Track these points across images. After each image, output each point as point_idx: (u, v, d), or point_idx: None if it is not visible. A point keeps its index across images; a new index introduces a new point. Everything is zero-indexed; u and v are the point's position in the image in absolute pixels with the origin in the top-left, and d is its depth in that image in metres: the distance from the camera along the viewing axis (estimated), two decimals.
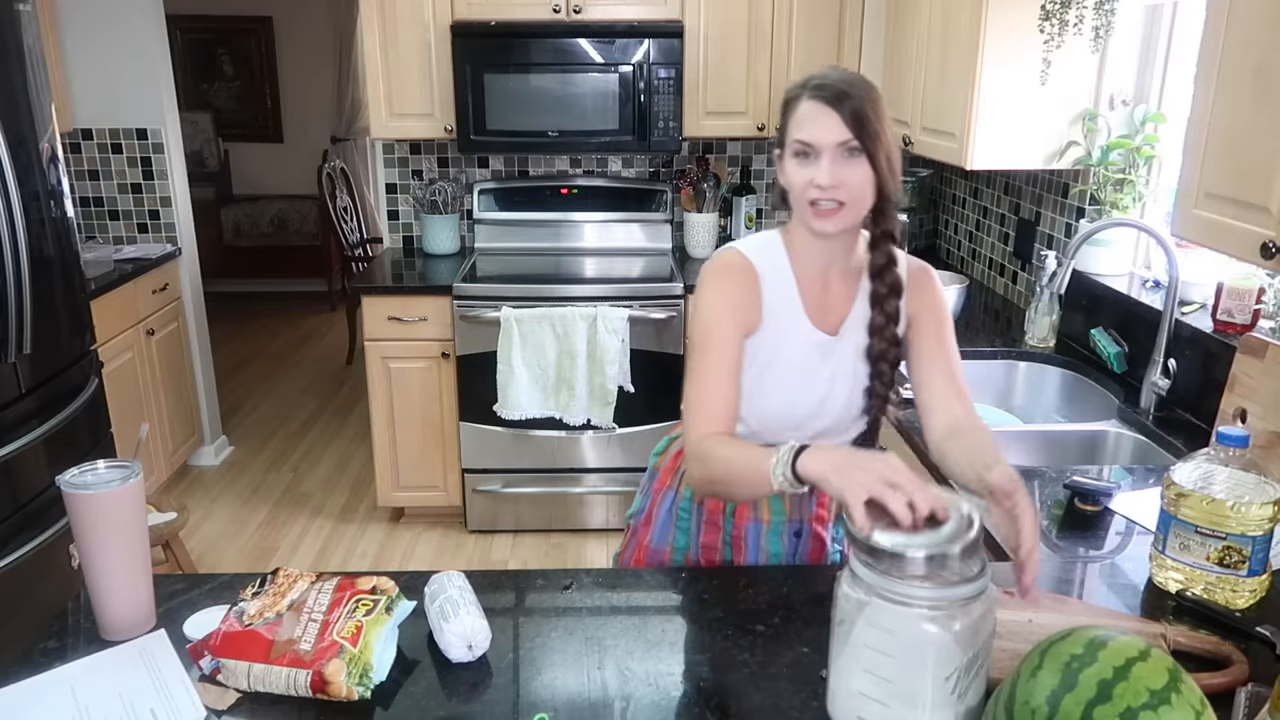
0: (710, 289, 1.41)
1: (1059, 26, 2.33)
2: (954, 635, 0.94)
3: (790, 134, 1.35)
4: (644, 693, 1.11)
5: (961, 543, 0.96)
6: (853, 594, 0.98)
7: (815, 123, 1.31)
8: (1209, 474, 1.29)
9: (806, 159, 1.33)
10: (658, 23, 3.30)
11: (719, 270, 1.42)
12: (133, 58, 3.64)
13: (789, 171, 1.36)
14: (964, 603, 0.94)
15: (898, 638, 0.95)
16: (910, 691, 0.95)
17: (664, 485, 1.59)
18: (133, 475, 1.18)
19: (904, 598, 0.94)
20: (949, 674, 0.94)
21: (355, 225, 5.82)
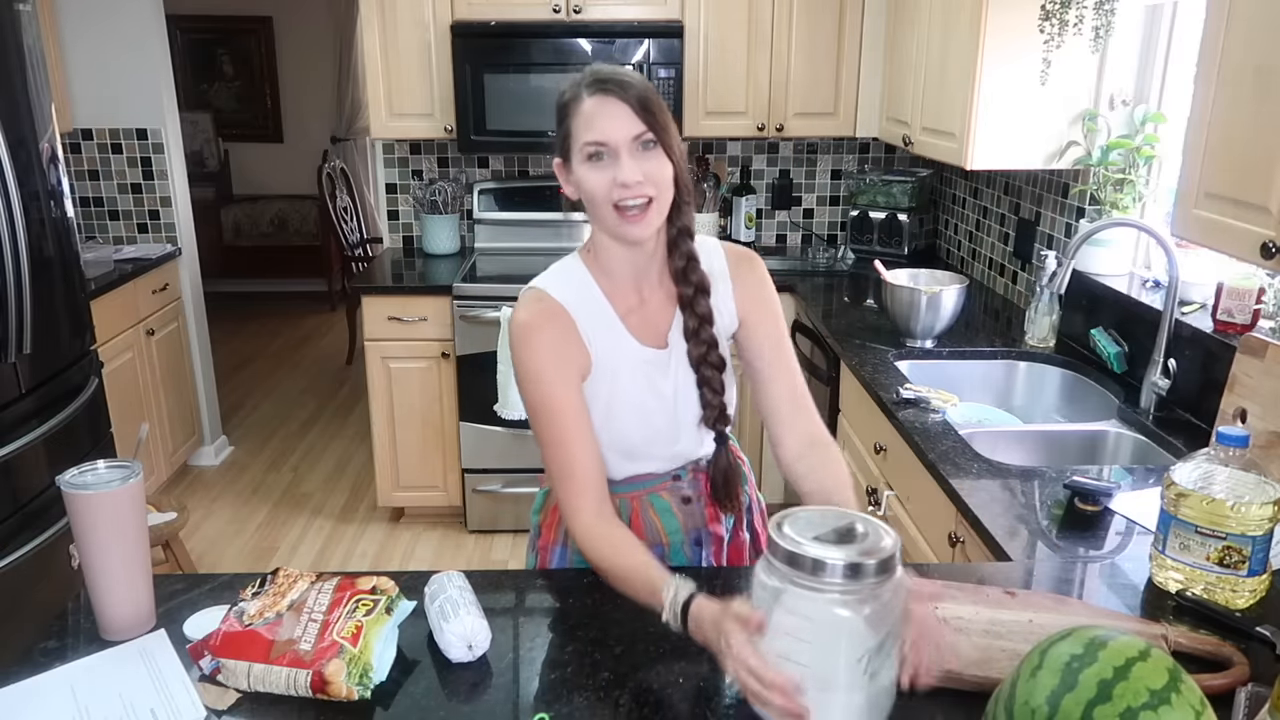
0: (527, 349, 1.29)
1: (1059, 26, 2.33)
2: (865, 618, 0.96)
3: (578, 137, 1.24)
4: (644, 693, 1.11)
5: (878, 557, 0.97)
6: (769, 582, 0.99)
7: (606, 118, 1.22)
8: (1209, 474, 1.29)
9: (601, 160, 1.24)
10: (658, 23, 3.30)
11: (528, 327, 1.29)
12: (133, 58, 3.64)
13: (584, 177, 1.25)
14: (874, 587, 0.96)
15: (813, 623, 0.96)
16: (825, 674, 0.97)
17: (550, 541, 1.47)
18: (133, 475, 1.18)
19: (817, 585, 0.96)
20: (861, 656, 0.96)
21: (355, 225, 5.82)
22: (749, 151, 3.81)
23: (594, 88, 1.23)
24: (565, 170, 1.30)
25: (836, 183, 3.86)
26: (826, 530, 1.00)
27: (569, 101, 1.26)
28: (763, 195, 3.84)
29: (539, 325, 1.30)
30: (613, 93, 1.22)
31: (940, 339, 2.62)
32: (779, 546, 0.98)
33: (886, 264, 2.78)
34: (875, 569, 0.95)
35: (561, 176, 1.31)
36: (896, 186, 3.55)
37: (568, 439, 1.29)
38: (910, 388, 2.19)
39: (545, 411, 1.30)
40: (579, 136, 1.24)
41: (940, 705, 1.08)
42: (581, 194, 1.28)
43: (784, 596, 0.98)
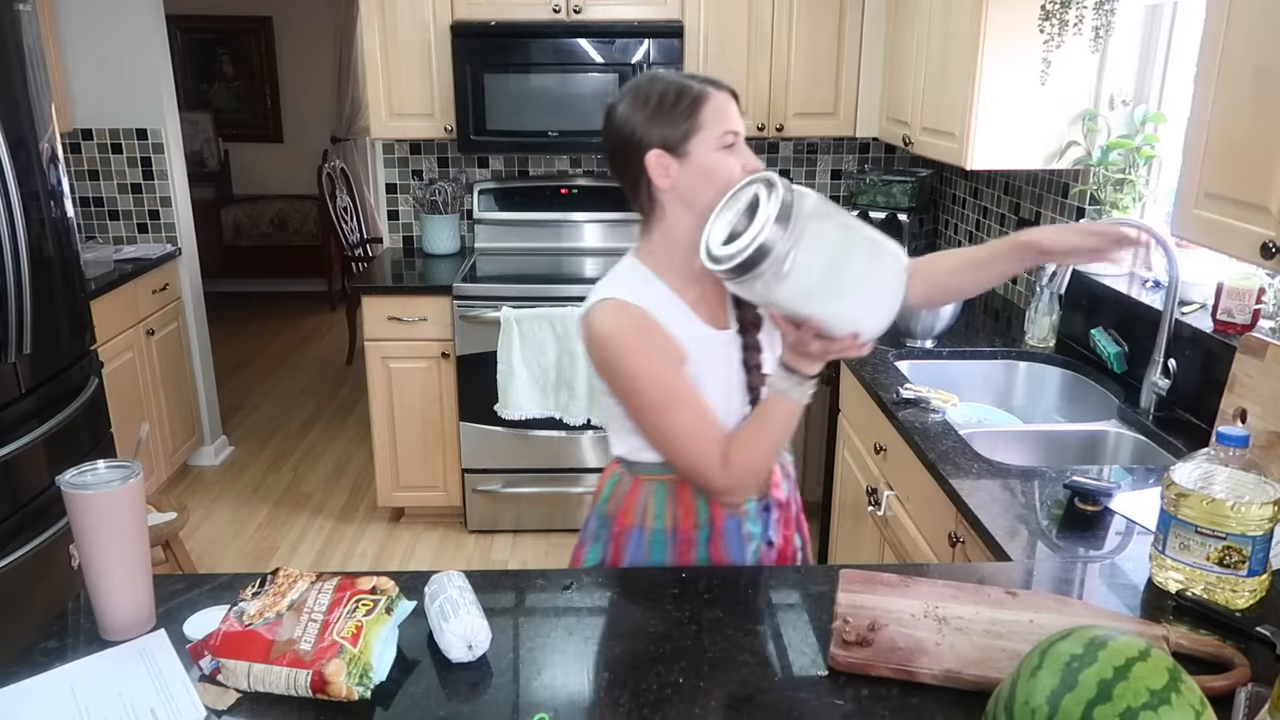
0: (630, 354, 1.35)
1: (1059, 26, 2.33)
2: (797, 259, 1.17)
3: (716, 126, 1.33)
4: (644, 693, 1.11)
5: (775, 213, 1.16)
6: (750, 289, 1.21)
7: (735, 113, 1.36)
8: (1209, 474, 1.29)
9: (734, 148, 1.35)
10: (658, 23, 3.30)
11: (622, 335, 1.35)
12: (133, 58, 3.65)
13: (719, 163, 1.33)
14: (784, 231, 1.16)
15: (785, 285, 1.19)
16: (832, 304, 1.21)
17: (627, 525, 1.49)
18: (133, 475, 1.18)
19: (758, 268, 1.17)
20: (822, 275, 1.20)
21: (355, 225, 5.82)
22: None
23: (717, 87, 1.36)
24: (674, 160, 1.34)
25: (837, 183, 3.87)
26: (737, 221, 1.22)
27: (698, 96, 1.34)
28: None
29: (634, 329, 1.36)
30: (731, 93, 1.38)
31: (940, 339, 2.62)
32: (722, 260, 1.20)
33: None
34: (778, 219, 1.15)
35: (658, 168, 1.35)
36: (896, 186, 3.55)
37: (698, 426, 1.35)
38: (910, 388, 2.19)
39: (667, 405, 1.35)
40: (717, 126, 1.33)
41: (940, 705, 1.08)
42: (702, 177, 1.34)
43: (757, 287, 1.19)
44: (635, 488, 1.48)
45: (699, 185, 1.34)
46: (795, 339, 1.25)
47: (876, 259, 1.22)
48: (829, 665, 1.14)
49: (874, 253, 1.22)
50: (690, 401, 1.35)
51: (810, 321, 1.21)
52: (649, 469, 1.47)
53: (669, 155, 1.34)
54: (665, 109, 1.33)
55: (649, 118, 1.34)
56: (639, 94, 1.35)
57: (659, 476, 1.46)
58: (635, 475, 1.49)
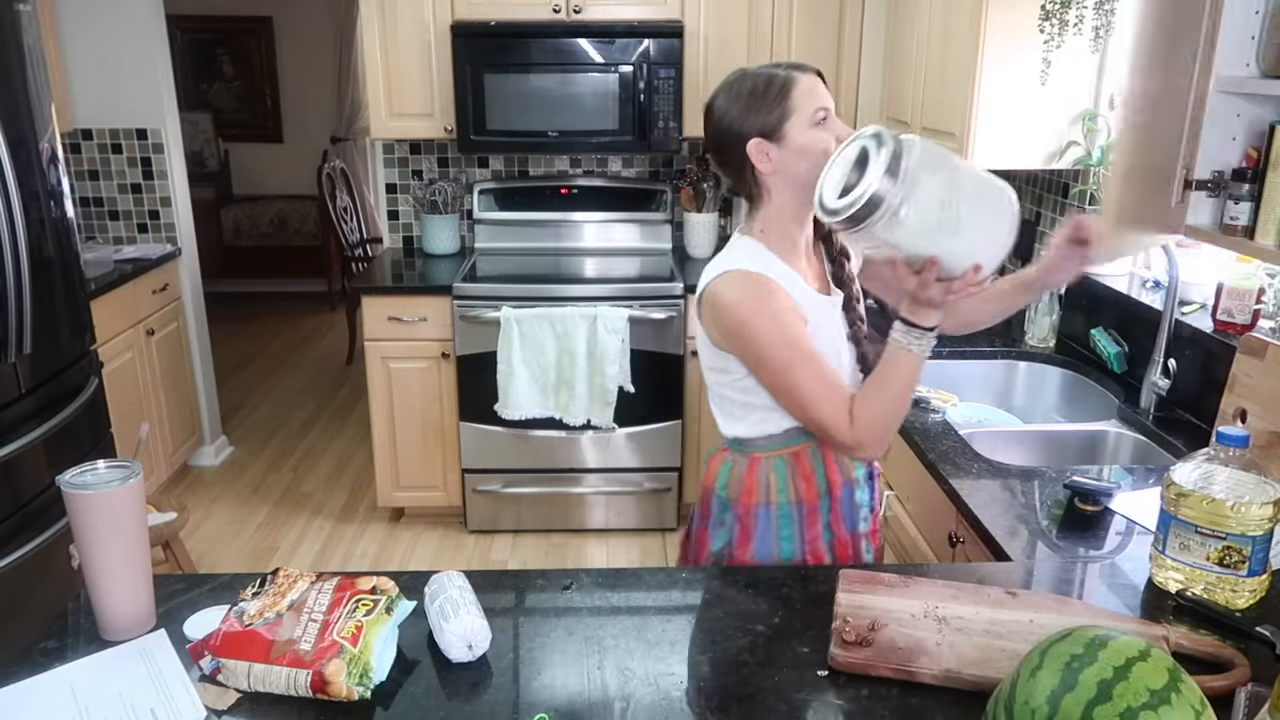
0: (761, 316, 1.41)
1: (1059, 26, 2.33)
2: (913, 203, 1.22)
3: (809, 104, 1.40)
4: (644, 693, 1.11)
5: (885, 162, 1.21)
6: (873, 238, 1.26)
7: (822, 90, 1.42)
8: (1209, 474, 1.29)
9: (823, 124, 1.41)
10: (658, 23, 3.30)
11: (752, 296, 1.42)
12: (133, 58, 3.64)
13: (814, 140, 1.40)
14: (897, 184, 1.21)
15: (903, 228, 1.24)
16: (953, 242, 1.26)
17: (753, 504, 1.54)
18: (133, 475, 1.18)
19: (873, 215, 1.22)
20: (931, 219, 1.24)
21: (355, 225, 5.82)
22: None
23: (802, 70, 1.43)
24: (772, 145, 1.42)
25: None
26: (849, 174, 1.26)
27: (786, 82, 1.41)
28: None
29: (760, 294, 1.42)
30: (816, 73, 1.44)
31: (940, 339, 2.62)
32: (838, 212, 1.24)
33: None
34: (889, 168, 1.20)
35: (759, 154, 1.42)
36: None
37: (822, 380, 1.41)
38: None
39: (796, 357, 1.41)
40: (810, 104, 1.40)
41: (940, 705, 1.08)
42: (800, 156, 1.41)
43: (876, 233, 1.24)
44: (752, 467, 1.53)
45: (799, 163, 1.41)
46: (916, 285, 1.30)
47: (986, 194, 1.28)
48: (829, 665, 1.14)
49: (983, 189, 1.28)
50: (817, 359, 1.41)
51: (931, 262, 1.27)
52: (765, 446, 1.52)
53: (767, 141, 1.41)
54: (757, 99, 1.41)
55: (744, 110, 1.42)
56: (732, 89, 1.44)
57: (776, 452, 1.52)
58: (750, 455, 1.54)
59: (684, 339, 3.31)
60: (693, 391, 3.39)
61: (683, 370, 3.35)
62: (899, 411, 1.41)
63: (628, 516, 3.50)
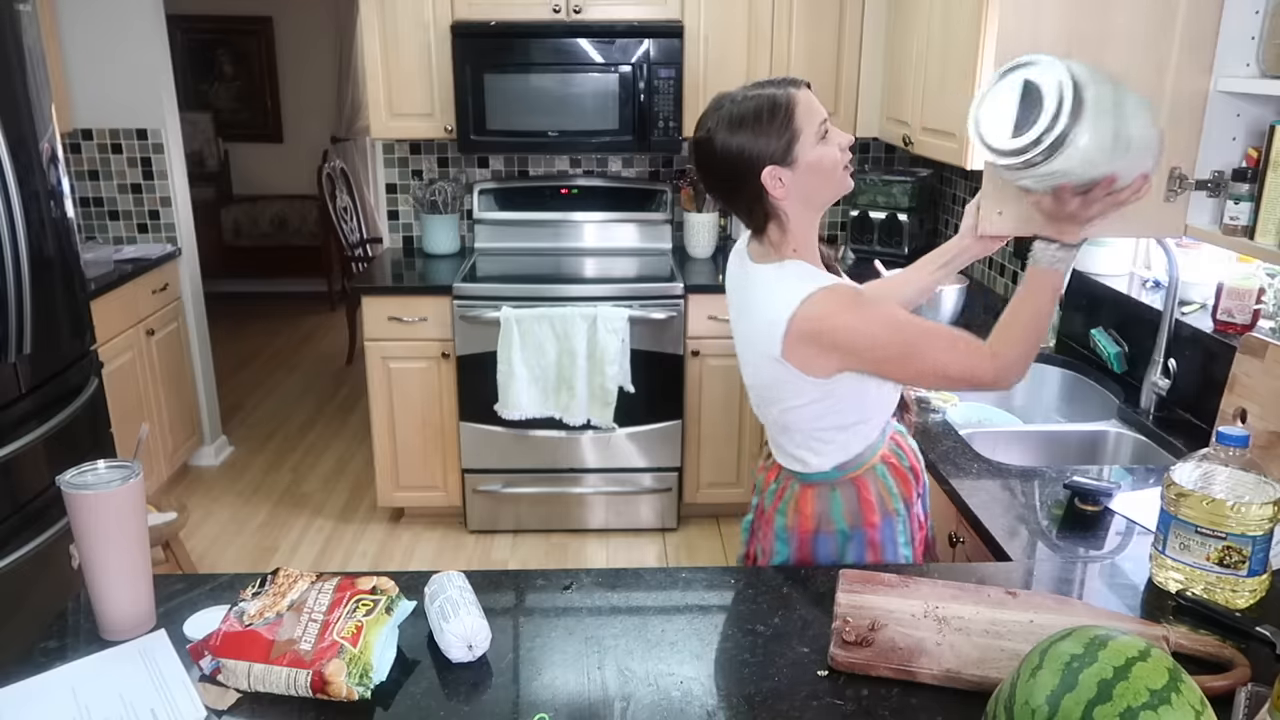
0: (868, 319, 1.39)
1: None
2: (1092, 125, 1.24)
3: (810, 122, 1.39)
4: (644, 693, 1.11)
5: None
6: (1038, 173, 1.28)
7: (816, 103, 1.41)
8: (1209, 474, 1.29)
9: (826, 137, 1.41)
10: (658, 23, 3.30)
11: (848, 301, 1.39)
12: (133, 58, 3.64)
13: (824, 154, 1.40)
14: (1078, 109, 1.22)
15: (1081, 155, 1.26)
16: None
17: (877, 524, 1.53)
18: (133, 475, 1.18)
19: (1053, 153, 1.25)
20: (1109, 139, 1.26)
21: (355, 225, 5.82)
22: None
23: (795, 86, 1.41)
24: (785, 170, 1.39)
25: None
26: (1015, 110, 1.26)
27: (787, 104, 1.39)
28: None
29: (854, 298, 1.40)
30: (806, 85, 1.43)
31: None
32: (1023, 151, 1.25)
33: (886, 264, 2.77)
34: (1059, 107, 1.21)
35: (774, 182, 1.40)
36: (896, 186, 3.55)
37: (925, 325, 1.43)
38: (910, 388, 2.18)
39: (919, 334, 1.41)
40: (811, 121, 1.39)
41: (940, 705, 1.08)
42: (812, 174, 1.40)
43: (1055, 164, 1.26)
44: (865, 488, 1.53)
45: (811, 181, 1.41)
46: (1079, 206, 1.32)
47: (1140, 104, 1.29)
48: (829, 665, 1.14)
49: (1138, 100, 1.29)
50: (925, 325, 1.43)
51: (1108, 180, 1.29)
52: (865, 458, 1.52)
53: (780, 167, 1.39)
54: (763, 125, 1.38)
55: (751, 139, 1.38)
56: (732, 120, 1.39)
57: (876, 460, 1.53)
58: (854, 476, 1.53)
59: (684, 339, 3.31)
60: (693, 391, 3.39)
61: (683, 370, 3.35)
62: (1042, 332, 1.44)
63: (628, 516, 3.50)
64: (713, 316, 3.30)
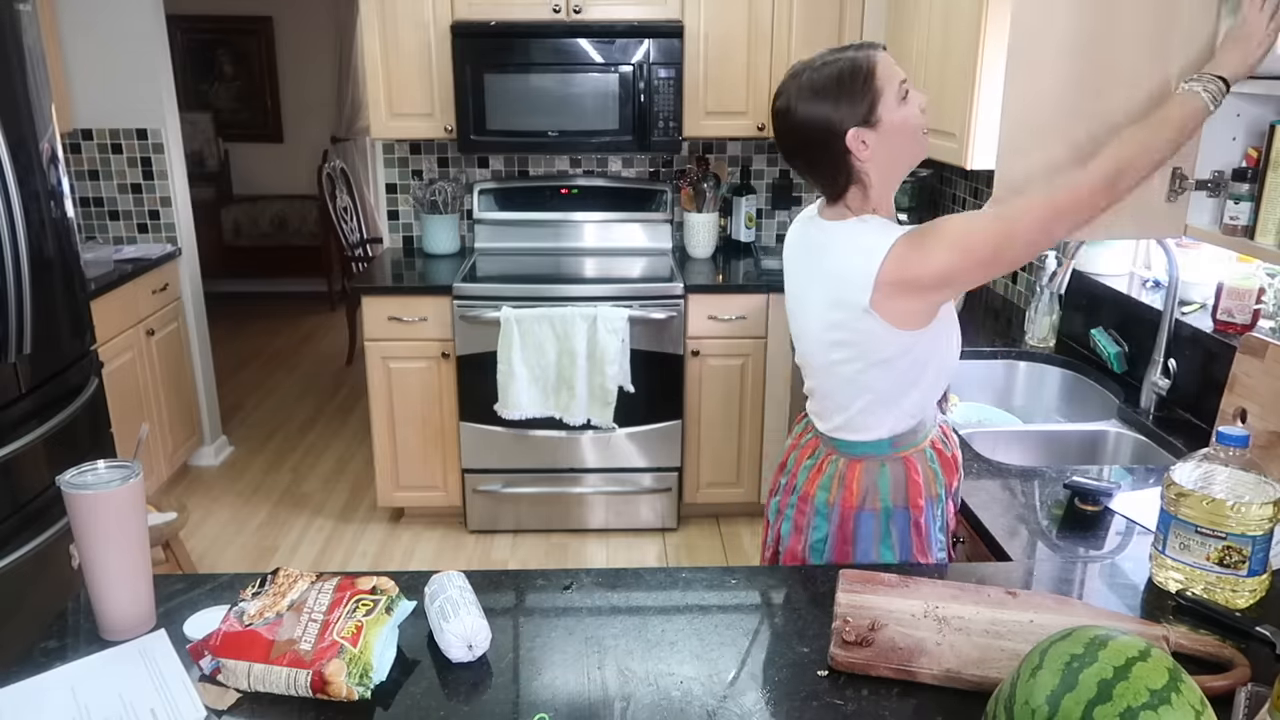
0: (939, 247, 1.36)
1: None
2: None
3: (892, 82, 1.39)
4: (644, 693, 1.11)
5: None
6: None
7: (894, 64, 1.41)
8: (1209, 474, 1.29)
9: (907, 99, 1.41)
10: (658, 23, 3.30)
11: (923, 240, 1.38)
12: (133, 58, 3.64)
13: (908, 116, 1.41)
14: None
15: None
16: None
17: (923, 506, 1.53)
18: (133, 475, 1.18)
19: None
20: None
21: (355, 225, 5.82)
22: (749, 151, 3.81)
23: (872, 48, 1.41)
24: (869, 132, 1.40)
25: None
26: None
27: (867, 65, 1.39)
28: (763, 195, 3.84)
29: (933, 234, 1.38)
30: (882, 48, 1.43)
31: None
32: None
33: None
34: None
35: (859, 144, 1.40)
36: None
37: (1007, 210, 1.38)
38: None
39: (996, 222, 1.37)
40: (892, 82, 1.39)
41: (940, 705, 1.08)
42: (895, 134, 1.40)
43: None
44: (913, 468, 1.52)
45: (895, 142, 1.42)
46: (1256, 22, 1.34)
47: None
48: (829, 665, 1.14)
49: None
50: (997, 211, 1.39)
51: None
52: (915, 438, 1.53)
53: (865, 129, 1.40)
54: (845, 89, 1.39)
55: (834, 104, 1.39)
56: (813, 87, 1.40)
57: (925, 443, 1.54)
58: (903, 454, 1.53)
59: (684, 339, 3.31)
60: (693, 391, 3.39)
61: (683, 370, 3.35)
62: (1153, 156, 1.35)
63: (628, 516, 3.51)
64: (713, 316, 3.30)
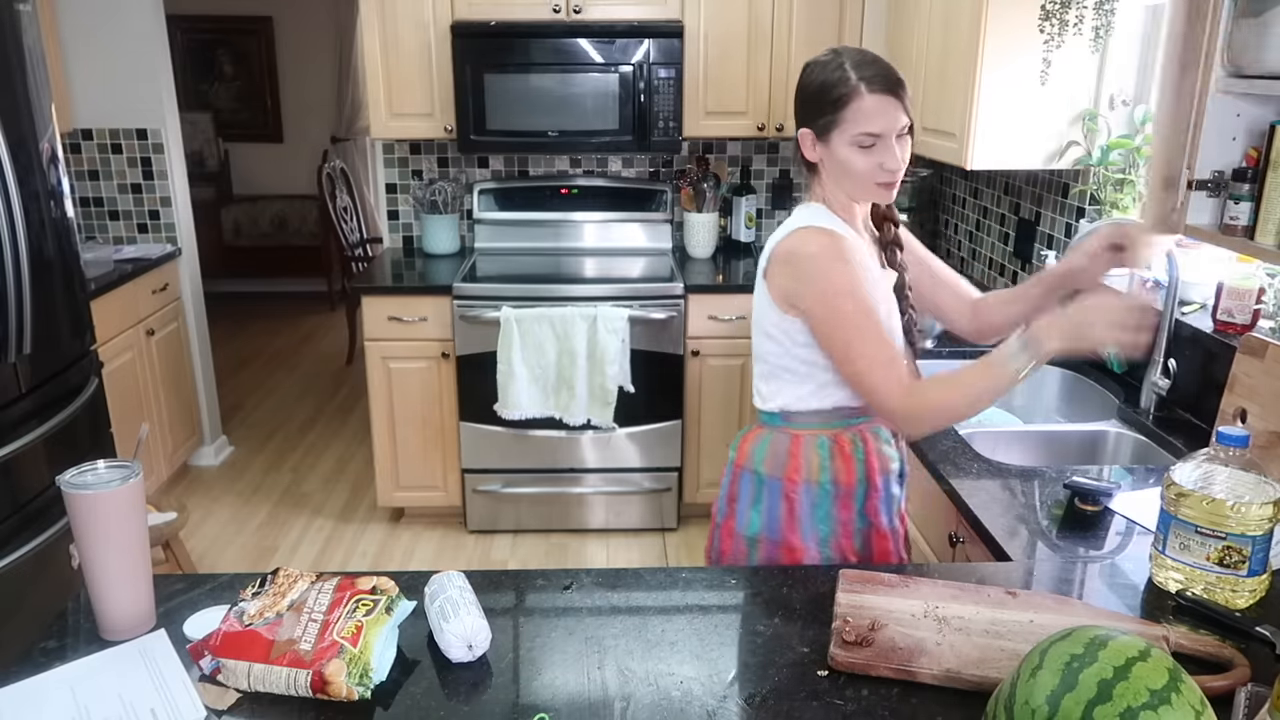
0: (834, 266, 1.43)
1: (1059, 26, 2.33)
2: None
3: (854, 126, 1.41)
4: (644, 693, 1.11)
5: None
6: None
7: (882, 115, 1.40)
8: (1209, 474, 1.29)
9: (871, 148, 1.42)
10: (658, 23, 3.30)
11: (830, 249, 1.45)
12: (133, 58, 3.64)
13: (850, 159, 1.43)
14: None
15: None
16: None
17: (797, 481, 1.56)
18: (133, 475, 1.18)
19: None
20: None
21: (355, 225, 5.82)
22: (749, 151, 3.81)
23: (875, 85, 1.40)
24: (817, 142, 1.46)
25: None
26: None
27: (846, 94, 1.40)
28: (763, 195, 3.84)
29: (837, 248, 1.44)
30: (892, 91, 1.40)
31: (940, 339, 2.62)
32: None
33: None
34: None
35: (807, 144, 1.48)
36: None
37: (883, 340, 1.43)
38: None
39: (862, 315, 1.42)
40: (855, 126, 1.41)
41: (940, 705, 1.08)
42: (839, 166, 1.45)
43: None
44: (795, 445, 1.55)
45: (837, 171, 1.47)
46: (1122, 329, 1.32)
47: None
48: (829, 665, 1.14)
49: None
50: (878, 321, 1.43)
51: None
52: (808, 423, 1.55)
53: (814, 135, 1.46)
54: (815, 95, 1.44)
55: (806, 99, 1.47)
56: (815, 70, 1.45)
57: (819, 431, 1.55)
58: (791, 432, 1.56)
59: (684, 339, 3.31)
60: (693, 391, 3.39)
61: (683, 370, 3.35)
62: (961, 412, 1.42)
63: (628, 516, 3.50)
64: (713, 316, 3.30)
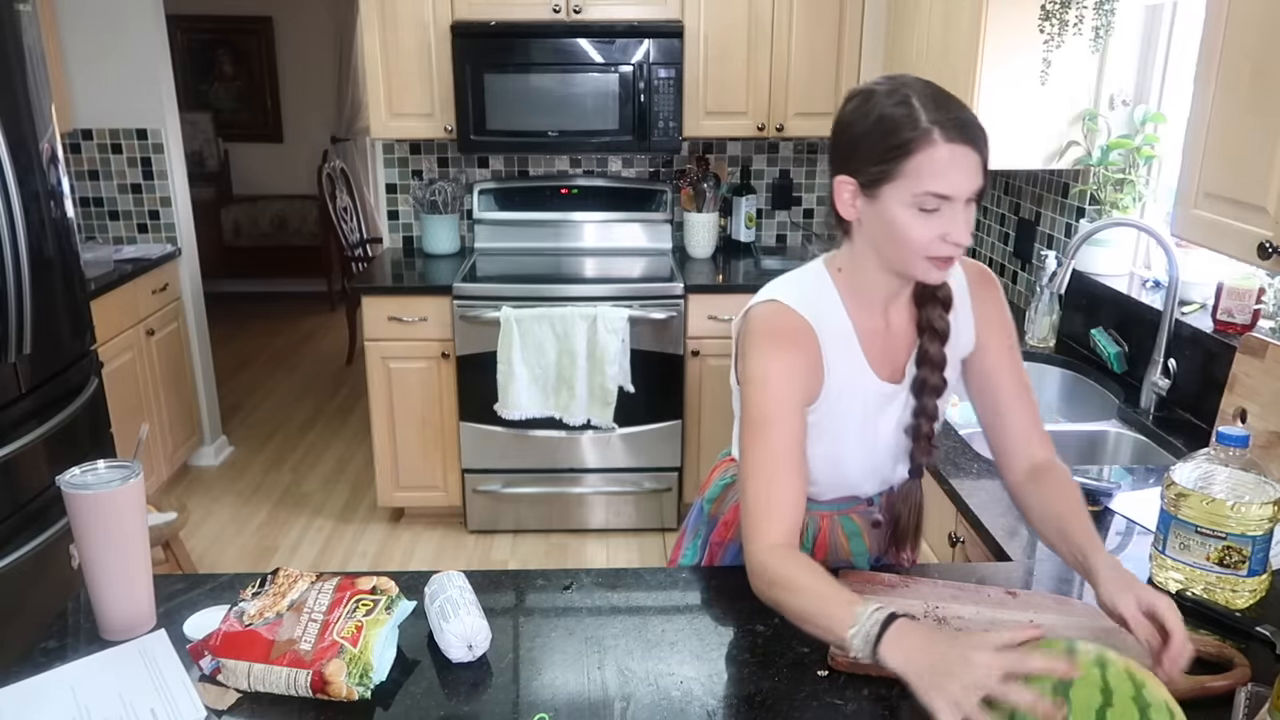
0: (765, 356, 1.20)
1: (1059, 26, 2.33)
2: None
3: (916, 183, 1.12)
4: (644, 693, 1.11)
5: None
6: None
7: (959, 172, 1.12)
8: (1209, 474, 1.29)
9: (935, 212, 1.13)
10: (658, 23, 3.30)
11: (773, 334, 1.21)
12: (133, 58, 3.64)
13: (904, 223, 1.13)
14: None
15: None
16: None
17: (725, 539, 1.48)
18: (133, 475, 1.18)
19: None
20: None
21: (355, 225, 5.82)
22: (749, 151, 3.81)
23: (951, 132, 1.11)
24: (860, 195, 1.17)
25: None
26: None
27: (914, 139, 1.11)
28: (763, 195, 3.84)
29: (779, 340, 1.21)
30: (973, 143, 1.13)
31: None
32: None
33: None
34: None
35: (845, 196, 1.18)
36: None
37: (776, 469, 1.19)
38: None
39: (762, 428, 1.19)
40: (919, 183, 1.12)
41: None
42: (884, 229, 1.16)
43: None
44: (717, 466, 1.50)
45: (880, 235, 1.17)
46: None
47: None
48: (829, 665, 1.14)
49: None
50: (784, 446, 1.19)
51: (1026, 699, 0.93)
52: (727, 453, 1.50)
53: (859, 189, 1.17)
54: (865, 136, 1.15)
55: (853, 139, 1.16)
56: (868, 104, 1.16)
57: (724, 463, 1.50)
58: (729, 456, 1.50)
59: (684, 339, 3.31)
60: (693, 391, 3.39)
61: (683, 370, 3.35)
62: (786, 611, 1.13)
63: (628, 516, 3.50)
64: (713, 316, 3.30)
